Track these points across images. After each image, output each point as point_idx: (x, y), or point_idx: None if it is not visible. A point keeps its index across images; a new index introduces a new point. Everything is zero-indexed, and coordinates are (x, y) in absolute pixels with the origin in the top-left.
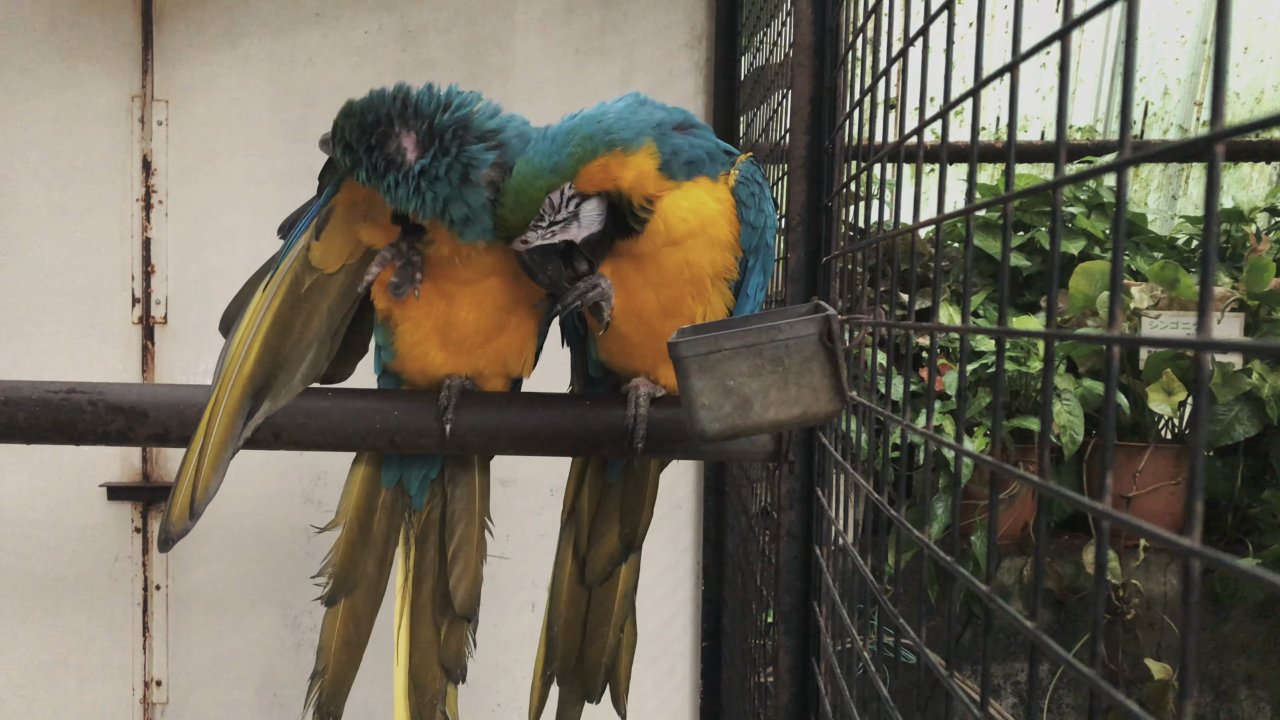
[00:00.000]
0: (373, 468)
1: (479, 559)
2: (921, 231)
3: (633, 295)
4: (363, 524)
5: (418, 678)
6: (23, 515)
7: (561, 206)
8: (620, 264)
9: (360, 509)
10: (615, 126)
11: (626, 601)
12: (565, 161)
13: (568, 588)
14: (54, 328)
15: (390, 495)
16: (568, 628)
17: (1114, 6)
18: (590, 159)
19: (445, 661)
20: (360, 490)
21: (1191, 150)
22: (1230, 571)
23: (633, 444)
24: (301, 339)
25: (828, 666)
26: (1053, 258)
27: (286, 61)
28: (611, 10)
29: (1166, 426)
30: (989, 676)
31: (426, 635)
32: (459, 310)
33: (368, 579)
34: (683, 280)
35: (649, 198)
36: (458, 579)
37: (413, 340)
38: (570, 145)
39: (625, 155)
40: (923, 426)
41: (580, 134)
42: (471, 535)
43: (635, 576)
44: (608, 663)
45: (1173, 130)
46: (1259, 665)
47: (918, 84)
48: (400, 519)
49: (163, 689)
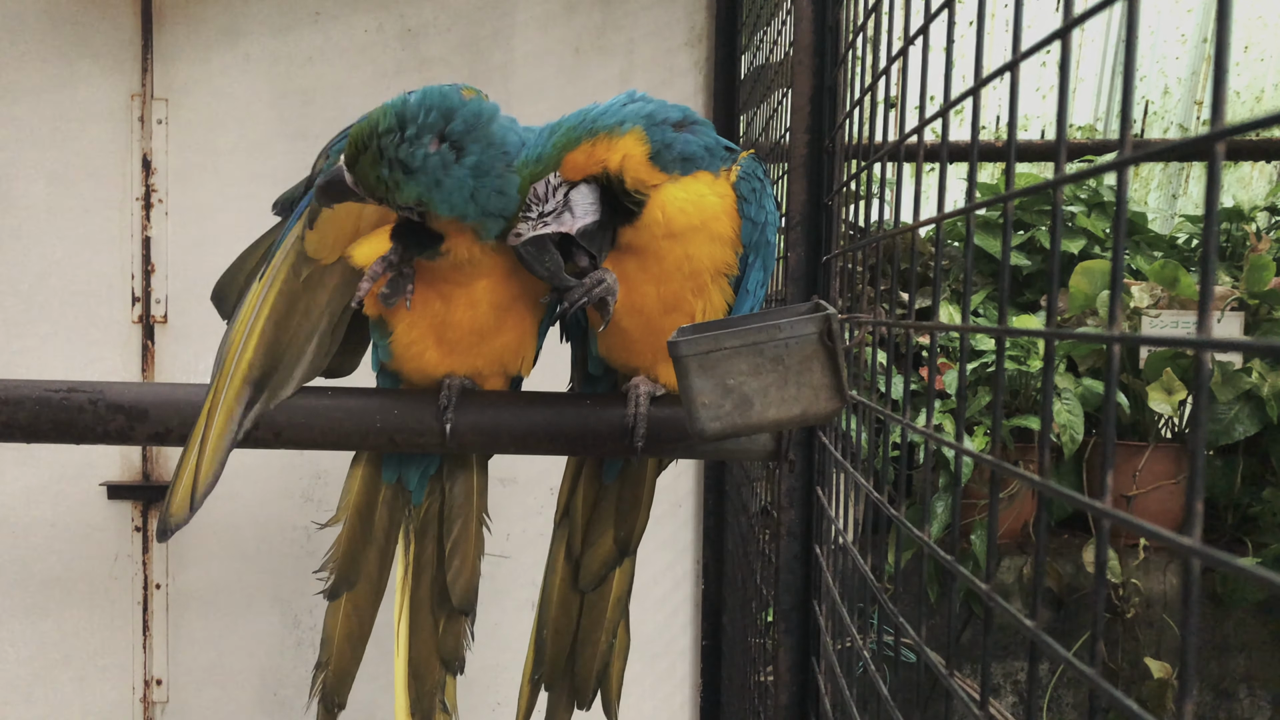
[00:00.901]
0: (373, 464)
1: (476, 554)
2: (922, 230)
3: (633, 290)
4: (363, 519)
5: (417, 668)
6: (23, 514)
7: (549, 196)
8: (621, 258)
9: (360, 505)
10: (599, 116)
11: (620, 606)
12: (548, 150)
13: (559, 590)
14: (54, 327)
15: (390, 491)
16: (558, 631)
17: (1114, 5)
18: (574, 146)
19: (444, 653)
20: (360, 486)
21: (1192, 149)
22: (1230, 571)
23: (633, 442)
24: (300, 330)
25: (828, 665)
26: (1053, 257)
27: (286, 60)
28: (612, 9)
29: (1167, 425)
30: (989, 675)
31: (425, 628)
32: (455, 311)
33: (369, 573)
34: (683, 275)
35: (642, 183)
36: (455, 574)
37: (408, 341)
38: (555, 136)
39: (610, 139)
40: (923, 425)
41: (565, 125)
42: (469, 531)
43: (630, 581)
44: (599, 668)
45: (1173, 129)
46: (1259, 664)
47: (918, 83)
48: (400, 514)
49: (163, 688)
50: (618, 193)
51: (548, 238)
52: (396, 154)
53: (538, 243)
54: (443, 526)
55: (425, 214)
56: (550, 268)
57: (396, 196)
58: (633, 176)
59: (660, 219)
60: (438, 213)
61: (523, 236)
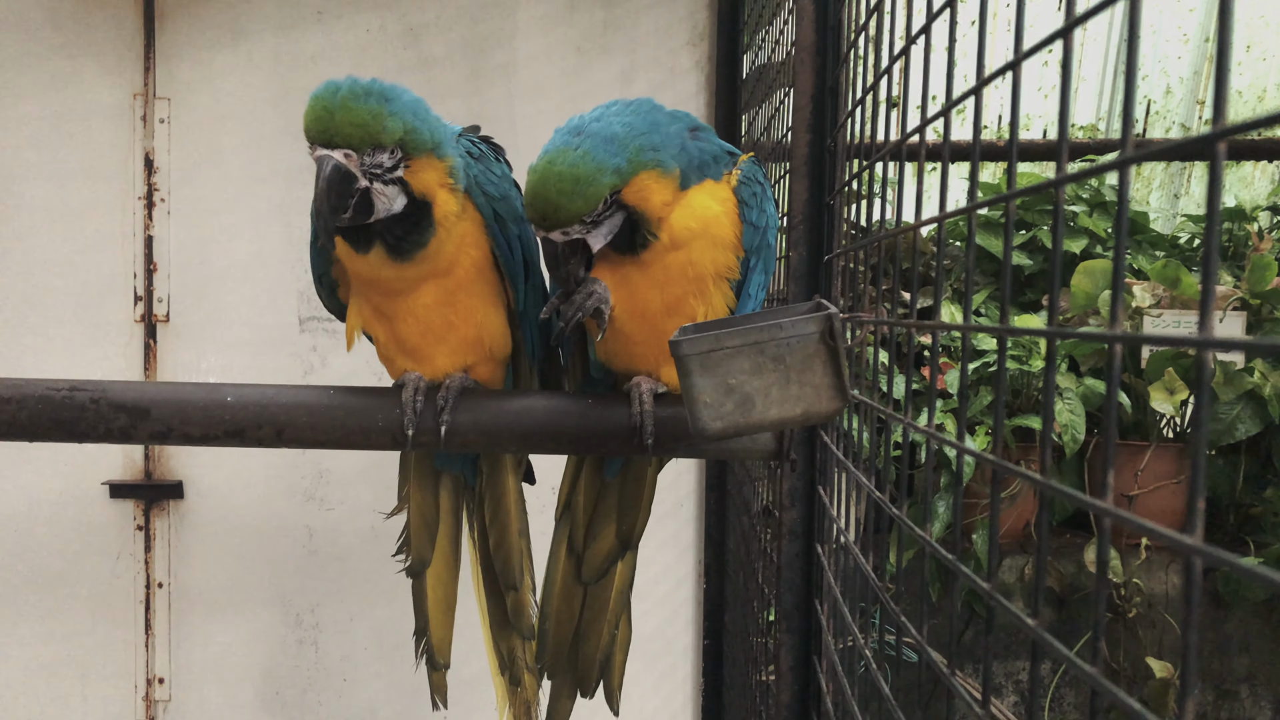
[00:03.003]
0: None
1: (516, 531)
2: (923, 230)
3: (635, 295)
4: (422, 506)
5: (498, 634)
6: (25, 513)
7: (605, 209)
8: (623, 264)
9: (419, 491)
10: (661, 145)
11: (622, 598)
12: (626, 167)
13: (561, 583)
14: (56, 326)
15: (449, 476)
16: (559, 622)
17: (1116, 5)
18: (640, 170)
19: (511, 620)
20: (416, 472)
21: (1194, 149)
22: (1232, 570)
23: (642, 441)
24: None
25: (829, 665)
26: (1055, 256)
27: (288, 59)
28: (614, 8)
29: (1168, 425)
30: (990, 675)
31: (495, 597)
32: (401, 324)
33: (443, 551)
34: (685, 280)
35: (663, 220)
36: (494, 550)
37: (381, 346)
38: (628, 152)
39: (661, 178)
40: (924, 425)
41: (635, 144)
42: (502, 507)
43: (631, 574)
44: (602, 659)
45: (1175, 129)
46: (1260, 664)
47: (920, 82)
48: (461, 496)
49: (165, 687)
50: (641, 225)
51: (580, 243)
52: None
53: (573, 245)
54: (483, 505)
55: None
56: (571, 269)
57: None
58: (658, 217)
59: (666, 239)
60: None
61: (570, 236)
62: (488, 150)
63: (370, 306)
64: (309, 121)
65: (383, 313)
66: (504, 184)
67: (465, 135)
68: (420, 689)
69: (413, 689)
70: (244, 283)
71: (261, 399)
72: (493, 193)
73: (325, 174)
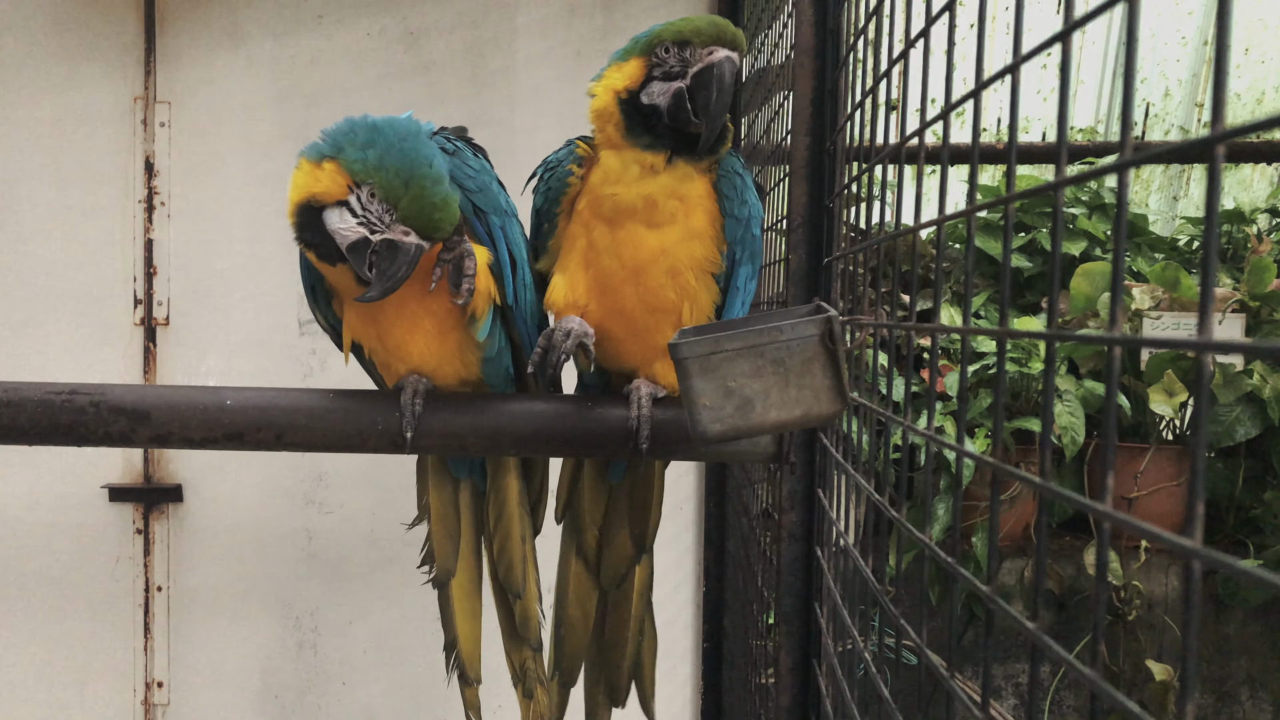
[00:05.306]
0: (439, 460)
1: (518, 539)
2: (923, 233)
3: (610, 291)
4: (443, 514)
5: (508, 645)
6: (24, 516)
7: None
8: (598, 255)
9: (437, 500)
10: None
11: (643, 600)
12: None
13: (574, 589)
14: (56, 329)
15: (465, 482)
16: (574, 629)
17: (1115, 8)
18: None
19: (519, 630)
20: (435, 481)
21: (1192, 151)
22: (1231, 572)
23: (638, 444)
24: None
25: (829, 667)
26: (1054, 259)
27: (288, 63)
28: (613, 12)
29: (1168, 427)
30: (990, 677)
31: (505, 607)
32: (391, 332)
33: (466, 561)
34: (660, 270)
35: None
36: (497, 556)
37: (375, 354)
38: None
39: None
40: (924, 427)
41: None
42: (505, 514)
43: (650, 576)
44: (631, 665)
45: (1174, 131)
46: (1260, 666)
47: (919, 85)
48: (478, 502)
49: (164, 690)
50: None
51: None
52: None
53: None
54: (489, 512)
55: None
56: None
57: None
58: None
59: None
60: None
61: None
62: (463, 145)
63: (358, 316)
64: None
65: (374, 320)
66: (482, 176)
67: (440, 133)
68: (419, 690)
69: (412, 692)
70: (244, 286)
71: (261, 402)
72: (470, 186)
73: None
